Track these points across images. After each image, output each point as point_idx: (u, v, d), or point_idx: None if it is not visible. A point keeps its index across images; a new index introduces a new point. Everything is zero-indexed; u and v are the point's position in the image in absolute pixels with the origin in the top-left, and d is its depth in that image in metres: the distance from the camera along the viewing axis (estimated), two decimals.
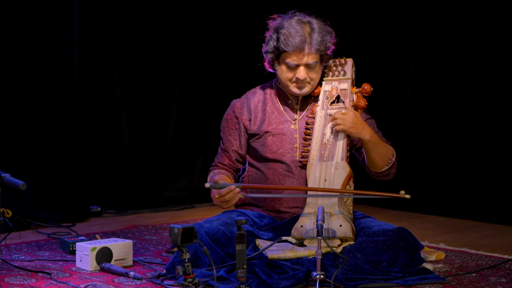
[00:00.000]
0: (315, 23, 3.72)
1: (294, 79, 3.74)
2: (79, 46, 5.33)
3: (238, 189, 3.52)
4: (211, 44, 6.05)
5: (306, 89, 3.78)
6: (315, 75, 3.76)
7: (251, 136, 3.87)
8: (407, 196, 3.47)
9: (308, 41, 3.67)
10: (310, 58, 3.69)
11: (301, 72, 3.71)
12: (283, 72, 3.75)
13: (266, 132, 3.82)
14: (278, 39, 3.70)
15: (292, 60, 3.69)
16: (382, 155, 3.72)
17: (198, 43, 6.01)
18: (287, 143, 3.80)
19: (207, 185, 3.49)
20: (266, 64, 3.85)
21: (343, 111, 3.64)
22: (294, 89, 3.77)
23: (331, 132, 3.71)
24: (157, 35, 5.82)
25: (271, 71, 3.86)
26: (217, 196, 3.52)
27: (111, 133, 5.65)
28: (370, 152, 3.70)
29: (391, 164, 3.76)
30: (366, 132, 3.65)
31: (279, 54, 3.73)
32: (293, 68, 3.71)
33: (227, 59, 6.09)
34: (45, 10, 5.08)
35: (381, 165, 3.74)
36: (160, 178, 5.89)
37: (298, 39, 3.65)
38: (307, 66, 3.70)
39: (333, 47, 3.78)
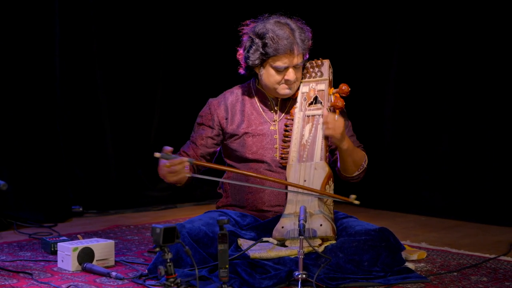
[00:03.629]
0: (292, 23, 3.74)
1: (283, 81, 3.74)
2: (61, 46, 5.31)
3: (188, 163, 3.56)
4: (193, 46, 6.05)
5: (295, 89, 3.80)
6: (300, 74, 3.80)
7: (229, 136, 3.86)
8: (357, 202, 3.56)
9: (295, 42, 3.68)
10: (298, 59, 3.71)
11: (291, 74, 3.72)
12: (270, 76, 3.74)
13: (246, 133, 3.82)
14: (265, 45, 3.68)
15: (283, 63, 3.69)
16: (355, 162, 3.76)
17: (180, 45, 6.00)
18: (267, 144, 3.80)
19: (157, 154, 3.50)
20: (242, 69, 3.84)
21: (336, 118, 3.64)
22: (283, 90, 3.77)
23: (310, 133, 3.72)
24: (139, 35, 5.80)
25: (245, 74, 3.84)
26: (168, 165, 3.54)
27: (93, 134, 5.63)
28: (345, 158, 3.72)
29: (362, 169, 3.80)
30: (346, 141, 3.67)
31: (265, 59, 3.72)
32: (282, 70, 3.71)
33: (209, 60, 6.09)
34: (27, 9, 5.06)
35: (352, 171, 3.78)
36: (143, 178, 5.88)
37: (286, 41, 3.66)
38: (295, 66, 3.72)
39: (310, 43, 3.80)
